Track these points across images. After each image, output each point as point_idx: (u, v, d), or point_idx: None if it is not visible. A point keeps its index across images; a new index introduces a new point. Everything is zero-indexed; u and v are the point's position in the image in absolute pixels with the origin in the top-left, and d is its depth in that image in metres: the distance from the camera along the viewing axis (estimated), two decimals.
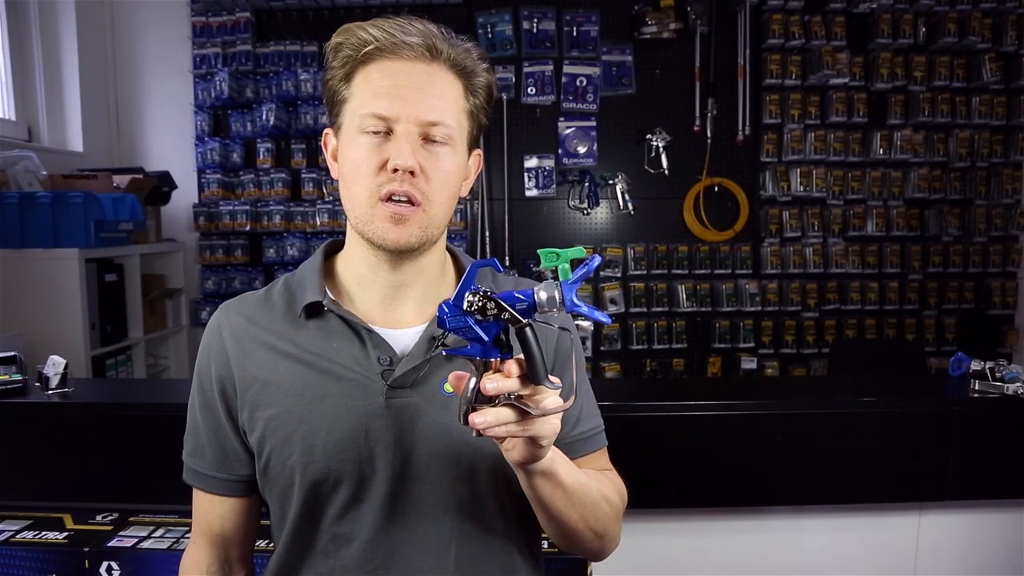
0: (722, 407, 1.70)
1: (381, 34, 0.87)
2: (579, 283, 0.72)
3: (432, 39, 0.88)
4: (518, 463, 0.80)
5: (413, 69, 0.88)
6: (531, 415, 0.73)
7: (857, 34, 3.52)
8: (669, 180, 3.59)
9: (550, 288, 0.71)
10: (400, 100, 0.87)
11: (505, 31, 3.48)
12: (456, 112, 0.91)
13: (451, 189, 0.92)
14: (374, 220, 0.89)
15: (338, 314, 0.93)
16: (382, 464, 0.91)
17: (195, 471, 1.00)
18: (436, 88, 0.89)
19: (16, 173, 2.84)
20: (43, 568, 1.45)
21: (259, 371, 0.94)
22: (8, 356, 1.76)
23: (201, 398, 0.98)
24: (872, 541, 1.80)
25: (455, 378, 0.76)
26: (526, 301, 0.72)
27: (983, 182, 3.62)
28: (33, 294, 2.65)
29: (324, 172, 3.58)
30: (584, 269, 0.72)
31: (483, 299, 0.71)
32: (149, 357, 3.41)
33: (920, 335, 3.68)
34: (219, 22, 3.53)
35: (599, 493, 0.93)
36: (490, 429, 0.72)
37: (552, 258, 0.73)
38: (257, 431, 0.93)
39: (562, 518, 0.89)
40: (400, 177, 0.86)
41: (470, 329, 0.72)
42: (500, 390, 0.72)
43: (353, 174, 0.89)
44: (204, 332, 1.00)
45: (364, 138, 0.88)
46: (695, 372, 3.67)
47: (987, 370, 1.76)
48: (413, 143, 0.87)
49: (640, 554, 1.77)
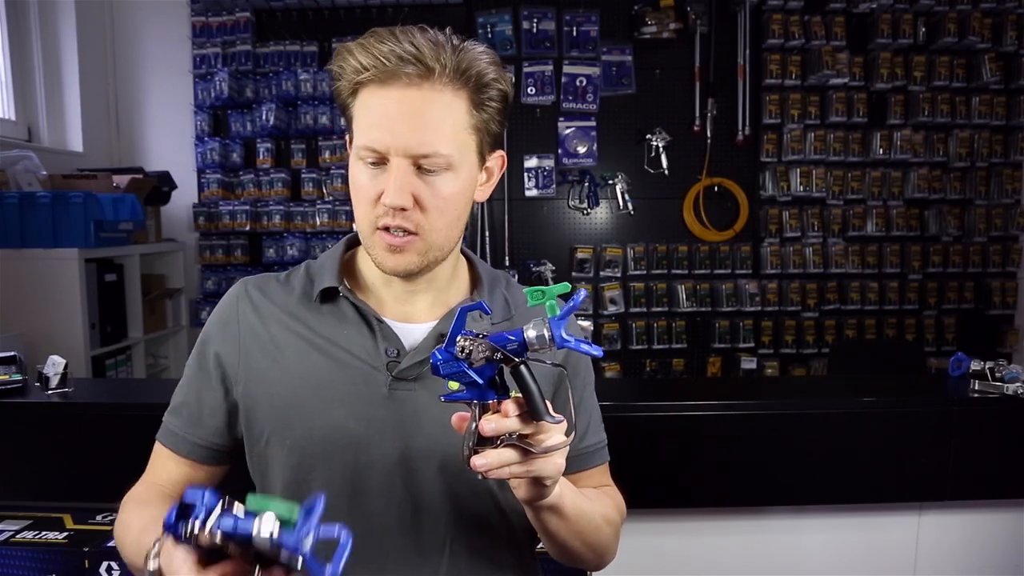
0: (722, 407, 1.70)
1: (371, 61, 0.84)
2: (566, 319, 0.73)
3: (425, 60, 0.83)
4: (525, 501, 0.82)
5: (404, 97, 0.84)
6: (533, 454, 0.74)
7: (857, 34, 3.52)
8: (669, 180, 3.59)
9: (539, 326, 0.72)
10: (390, 132, 0.85)
11: (505, 31, 3.48)
12: (454, 134, 0.87)
13: (452, 213, 0.90)
14: (374, 247, 0.90)
15: (352, 302, 0.94)
16: (379, 454, 0.91)
17: (168, 429, 0.99)
18: (429, 115, 0.85)
19: (16, 173, 2.84)
20: (43, 568, 1.45)
21: (268, 347, 0.95)
22: (8, 356, 1.77)
23: (199, 358, 0.99)
24: (872, 541, 1.81)
25: (458, 419, 0.78)
26: (516, 341, 0.73)
27: (983, 182, 3.62)
28: (33, 294, 2.65)
29: (324, 172, 3.59)
30: (570, 304, 0.73)
31: (473, 343, 0.72)
32: (149, 357, 3.41)
33: (920, 335, 3.68)
34: (219, 22, 3.53)
35: (602, 518, 0.95)
36: (492, 471, 0.73)
37: (538, 296, 0.74)
38: (257, 407, 0.94)
39: (566, 544, 0.91)
40: (392, 213, 0.86)
41: (464, 374, 0.74)
42: (498, 430, 0.73)
43: (356, 198, 0.91)
44: (221, 299, 1.01)
45: (363, 165, 0.88)
46: (695, 372, 3.67)
47: (987, 370, 1.76)
48: (404, 177, 0.85)
49: (640, 554, 1.77)
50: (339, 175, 3.55)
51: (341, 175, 3.54)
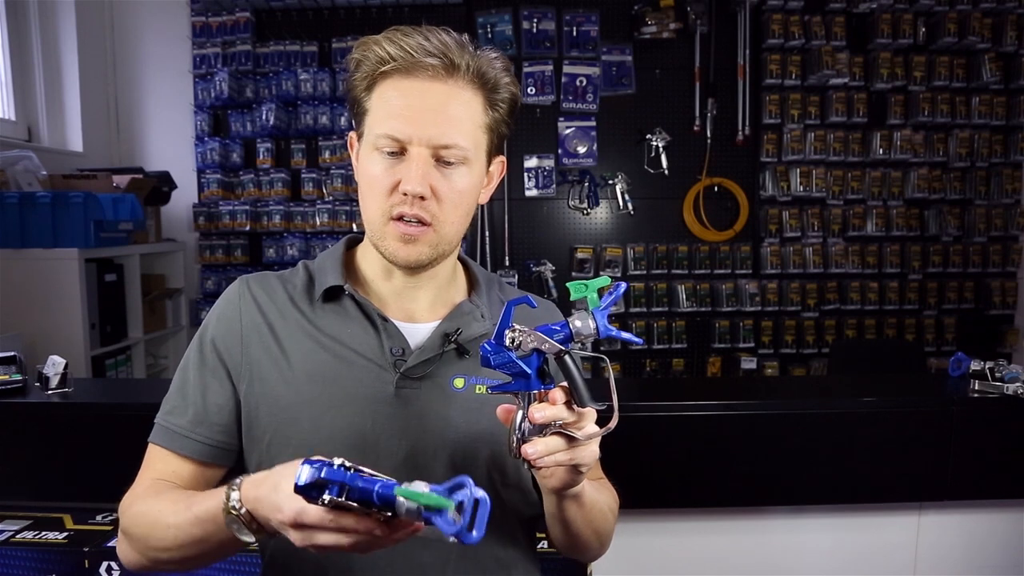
0: (722, 407, 1.70)
1: (398, 51, 0.87)
2: (608, 310, 0.76)
3: (450, 54, 0.87)
4: (556, 489, 0.84)
5: (429, 89, 0.88)
6: (577, 441, 0.77)
7: (857, 34, 3.52)
8: (669, 180, 3.59)
9: (583, 317, 0.76)
10: (413, 122, 0.87)
11: (505, 31, 3.48)
12: (471, 129, 0.90)
13: (464, 207, 0.93)
14: (386, 238, 0.91)
15: (357, 300, 0.95)
16: (386, 453, 0.91)
17: (168, 429, 0.95)
18: (451, 108, 0.88)
19: (16, 173, 2.84)
20: (43, 568, 1.45)
21: (272, 345, 0.94)
22: (8, 356, 1.77)
23: (199, 357, 0.97)
24: (872, 541, 1.81)
25: (504, 411, 0.80)
26: (562, 332, 0.76)
27: (983, 182, 3.62)
28: (33, 294, 2.65)
29: (324, 172, 3.58)
30: (612, 296, 0.77)
31: (523, 334, 0.76)
32: (149, 357, 3.41)
33: (920, 335, 3.68)
34: (219, 22, 3.53)
35: (607, 506, 0.98)
36: (541, 459, 0.76)
37: (581, 289, 0.78)
38: (260, 406, 0.93)
39: (579, 533, 0.94)
40: (411, 201, 0.88)
41: (514, 364, 0.77)
42: (548, 418, 0.75)
43: (368, 189, 0.91)
44: (220, 297, 1.00)
45: (379, 156, 0.89)
46: (695, 372, 3.67)
47: (987, 370, 1.76)
48: (425, 166, 0.88)
49: (640, 554, 1.78)
50: (339, 175, 3.55)
51: (341, 175, 3.54)
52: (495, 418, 0.94)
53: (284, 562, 0.96)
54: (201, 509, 0.81)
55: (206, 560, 0.87)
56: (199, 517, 0.81)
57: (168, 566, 0.89)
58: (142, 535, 0.88)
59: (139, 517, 0.89)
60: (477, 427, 0.94)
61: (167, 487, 0.93)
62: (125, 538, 0.91)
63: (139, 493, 0.93)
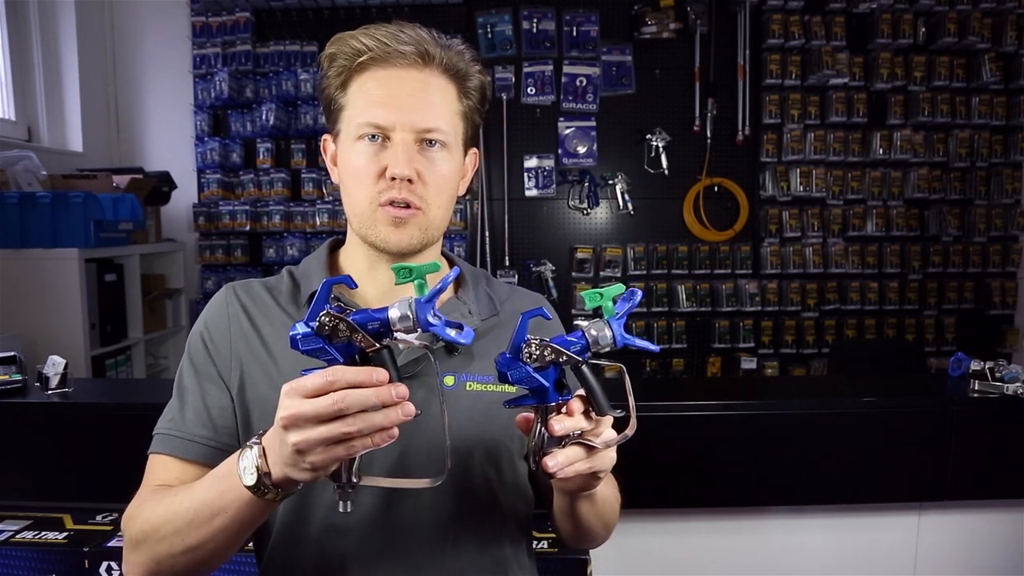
0: (722, 407, 1.69)
1: (374, 43, 0.89)
2: (624, 318, 0.75)
3: (424, 45, 0.90)
4: (573, 491, 0.85)
5: (406, 77, 0.90)
6: (596, 449, 0.77)
7: (857, 34, 3.52)
8: (669, 180, 3.59)
9: (599, 326, 0.74)
10: (395, 108, 0.89)
11: (505, 31, 3.48)
12: (450, 116, 0.93)
13: (449, 191, 0.95)
14: (376, 224, 0.92)
15: (343, 302, 0.94)
16: (379, 453, 0.91)
17: (170, 436, 0.94)
18: (430, 94, 0.91)
19: (16, 173, 2.84)
20: (43, 568, 1.45)
21: (260, 350, 0.95)
22: (8, 356, 1.76)
23: (192, 366, 0.96)
24: (872, 541, 1.80)
25: (523, 420, 0.80)
26: (579, 343, 0.74)
27: (983, 182, 3.62)
28: (33, 294, 2.65)
29: (324, 172, 3.58)
30: (628, 304, 0.75)
31: (540, 347, 0.74)
32: (149, 357, 3.41)
33: (920, 335, 3.68)
34: (219, 22, 3.53)
35: (613, 496, 1.00)
36: (562, 470, 0.75)
37: (596, 298, 0.76)
38: (251, 412, 0.94)
39: (590, 527, 0.96)
40: (398, 185, 0.89)
41: (532, 379, 0.75)
42: (567, 429, 0.75)
43: (353, 180, 0.92)
44: (207, 304, 1.01)
45: (362, 145, 0.91)
46: (695, 372, 3.67)
47: (987, 370, 1.75)
48: (409, 151, 0.90)
49: (640, 554, 1.77)
50: None
51: None
52: (487, 415, 0.94)
53: (282, 560, 0.96)
54: (220, 468, 0.82)
55: (219, 547, 0.83)
56: (216, 474, 0.82)
57: (179, 563, 0.85)
58: (153, 530, 0.85)
59: (149, 514, 0.87)
60: (470, 425, 0.94)
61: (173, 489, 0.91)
62: (134, 548, 0.88)
63: (145, 497, 0.91)
